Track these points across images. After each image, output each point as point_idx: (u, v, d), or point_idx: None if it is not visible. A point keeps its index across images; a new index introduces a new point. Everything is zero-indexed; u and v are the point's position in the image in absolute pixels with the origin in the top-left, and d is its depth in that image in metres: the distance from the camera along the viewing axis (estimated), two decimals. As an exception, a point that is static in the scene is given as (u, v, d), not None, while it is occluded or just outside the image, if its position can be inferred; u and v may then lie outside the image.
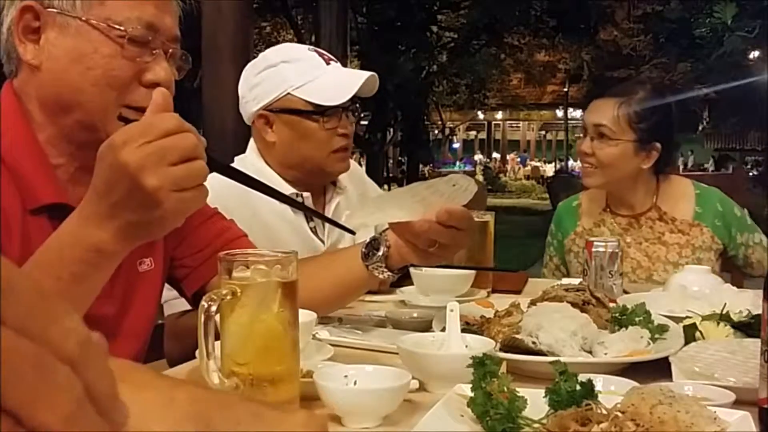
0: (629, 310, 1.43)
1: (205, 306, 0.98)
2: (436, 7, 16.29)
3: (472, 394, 0.99)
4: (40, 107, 1.22)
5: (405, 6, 14.64)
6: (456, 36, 17.38)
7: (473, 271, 1.84)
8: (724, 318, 1.41)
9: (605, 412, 0.92)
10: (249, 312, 1.01)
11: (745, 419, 0.95)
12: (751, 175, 15.84)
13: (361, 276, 1.44)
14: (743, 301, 1.49)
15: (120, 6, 1.18)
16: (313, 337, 1.36)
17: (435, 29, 16.79)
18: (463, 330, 1.31)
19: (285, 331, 1.02)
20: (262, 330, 1.02)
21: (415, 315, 1.62)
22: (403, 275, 1.61)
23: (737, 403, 1.03)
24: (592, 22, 16.67)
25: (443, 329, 1.30)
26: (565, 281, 1.78)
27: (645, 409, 0.89)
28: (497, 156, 36.83)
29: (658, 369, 1.22)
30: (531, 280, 2.15)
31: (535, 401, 0.98)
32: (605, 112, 2.25)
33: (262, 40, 15.47)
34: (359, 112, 1.94)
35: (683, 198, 2.34)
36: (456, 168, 27.38)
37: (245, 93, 1.93)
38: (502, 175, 30.21)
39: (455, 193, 1.32)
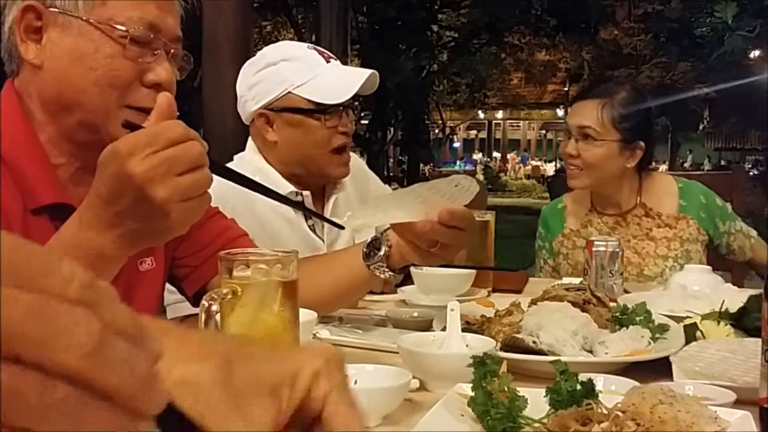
0: (630, 309, 1.43)
1: (206, 305, 0.98)
2: (436, 6, 16.31)
3: (472, 393, 0.99)
4: (41, 107, 1.22)
5: (405, 5, 14.66)
6: (456, 35, 17.40)
7: (474, 271, 1.84)
8: (723, 315, 1.41)
9: (606, 411, 0.92)
10: (249, 311, 1.01)
11: (746, 419, 0.95)
12: (751, 175, 15.84)
13: (362, 276, 1.44)
14: (743, 300, 1.49)
15: (122, 6, 1.17)
16: (314, 337, 1.36)
17: (435, 28, 16.81)
18: (464, 329, 1.31)
19: (285, 331, 1.02)
20: (262, 329, 1.02)
21: (416, 314, 1.61)
22: (404, 275, 1.61)
23: (738, 403, 1.03)
24: (592, 21, 16.68)
25: (444, 328, 1.30)
26: (566, 281, 1.79)
27: (645, 409, 0.89)
28: (497, 155, 36.86)
29: (658, 368, 1.22)
30: (531, 279, 2.16)
31: (536, 401, 0.98)
32: (589, 113, 2.27)
33: (262, 39, 15.46)
34: (359, 109, 1.94)
35: (667, 193, 2.37)
36: (456, 167, 27.38)
37: (244, 92, 1.92)
38: (502, 175, 30.24)
39: (457, 194, 1.32)
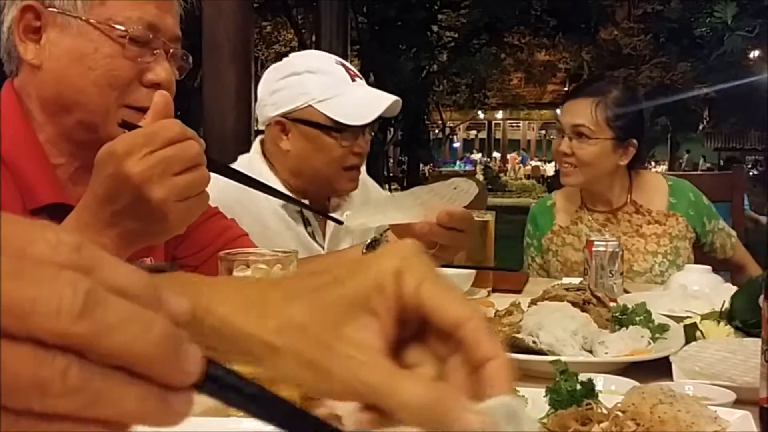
0: (630, 309, 1.42)
1: (206, 305, 0.98)
2: (436, 7, 16.31)
3: (472, 393, 0.99)
4: (40, 107, 1.22)
5: (405, 5, 14.65)
6: (456, 35, 17.40)
7: (473, 271, 1.84)
8: (723, 315, 1.41)
9: (606, 411, 0.92)
10: (250, 311, 1.01)
11: (746, 419, 0.95)
12: (751, 175, 15.84)
13: None
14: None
15: (121, 6, 1.17)
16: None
17: (435, 29, 16.80)
18: (464, 329, 1.31)
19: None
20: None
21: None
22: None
23: (738, 403, 1.03)
24: (592, 21, 16.69)
25: (444, 329, 1.29)
26: (566, 280, 1.79)
27: (645, 409, 0.89)
28: (497, 155, 36.87)
29: (658, 368, 1.22)
30: (531, 279, 2.16)
31: (536, 400, 0.98)
32: (582, 111, 2.27)
33: (262, 39, 15.49)
34: (375, 130, 1.91)
35: (657, 191, 2.39)
36: (456, 167, 27.41)
37: (264, 96, 1.89)
38: (502, 175, 30.24)
39: (456, 196, 1.32)
